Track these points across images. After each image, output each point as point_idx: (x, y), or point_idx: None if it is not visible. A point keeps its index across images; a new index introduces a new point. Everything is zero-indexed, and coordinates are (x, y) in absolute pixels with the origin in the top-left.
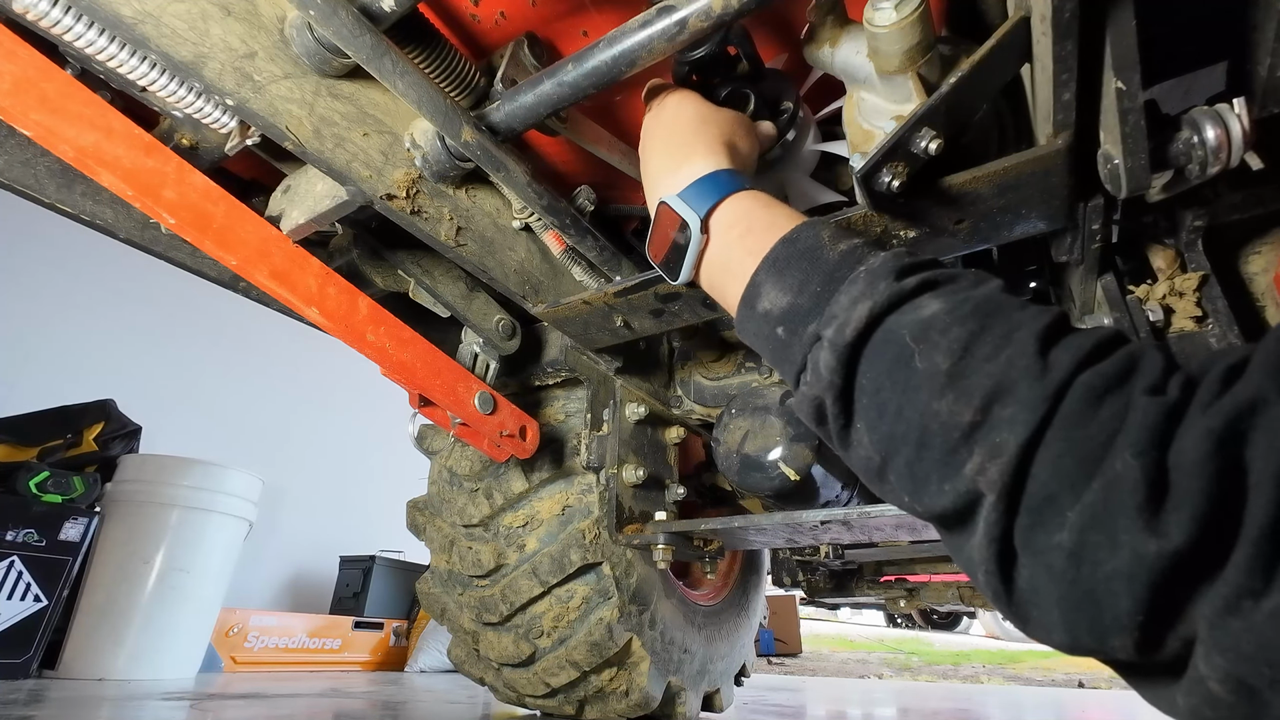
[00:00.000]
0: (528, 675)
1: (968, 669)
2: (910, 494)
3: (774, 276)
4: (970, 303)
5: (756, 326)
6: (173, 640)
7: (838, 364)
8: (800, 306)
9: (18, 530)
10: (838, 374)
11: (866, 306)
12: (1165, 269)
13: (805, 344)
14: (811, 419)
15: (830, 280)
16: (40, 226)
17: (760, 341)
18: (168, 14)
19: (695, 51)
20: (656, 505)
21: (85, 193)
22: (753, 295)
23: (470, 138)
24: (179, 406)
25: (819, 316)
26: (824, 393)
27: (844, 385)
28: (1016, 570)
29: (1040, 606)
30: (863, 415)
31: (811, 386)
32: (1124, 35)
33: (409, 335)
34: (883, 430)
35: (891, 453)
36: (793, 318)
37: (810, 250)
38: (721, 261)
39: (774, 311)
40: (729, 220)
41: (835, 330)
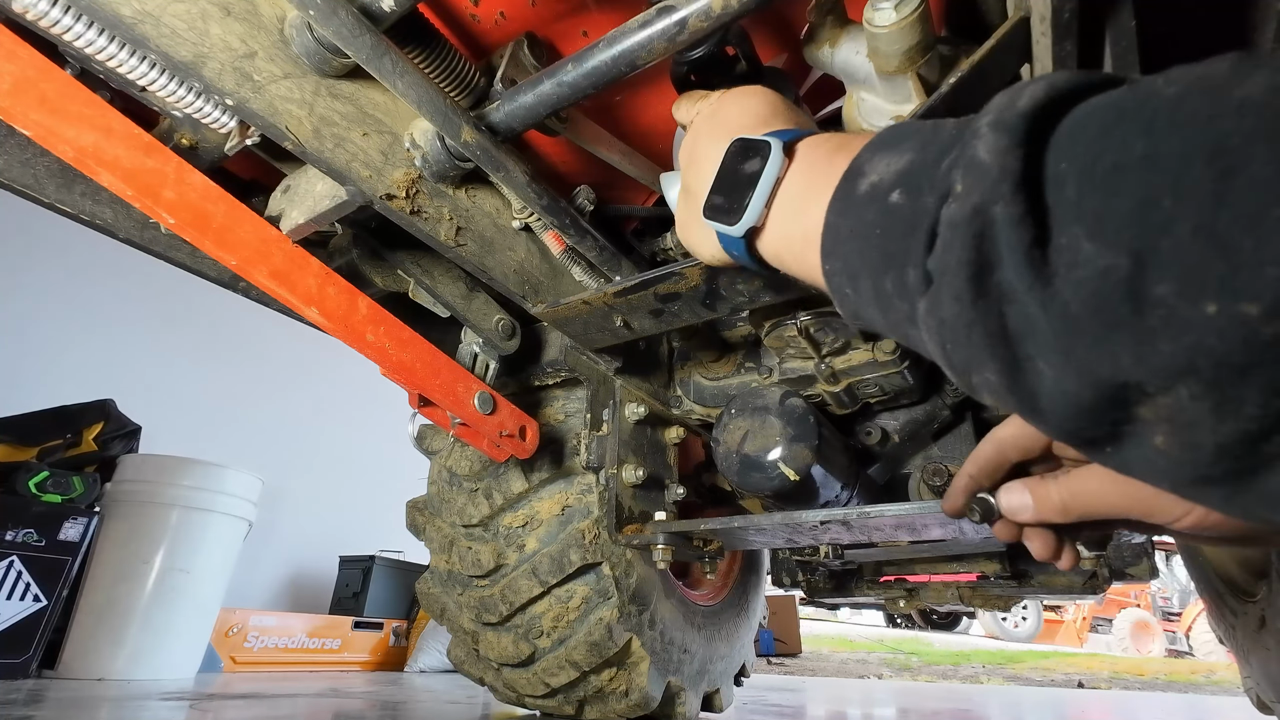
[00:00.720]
0: (527, 675)
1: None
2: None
3: (883, 150)
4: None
5: (857, 218)
6: (172, 640)
7: (1010, 141)
8: (928, 155)
9: (17, 530)
10: (1013, 155)
11: (1041, 85)
12: None
13: (943, 175)
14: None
15: (964, 126)
16: (40, 226)
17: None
18: (167, 14)
19: (694, 51)
20: (656, 505)
21: (85, 193)
22: (852, 179)
23: (470, 138)
24: (179, 406)
25: (959, 145)
26: (990, 194)
27: (1026, 171)
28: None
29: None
30: (1072, 212)
31: (965, 198)
32: (1124, 35)
33: (409, 335)
34: (1123, 208)
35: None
36: (917, 170)
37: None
38: (804, 182)
39: (885, 180)
40: (818, 141)
41: (998, 110)
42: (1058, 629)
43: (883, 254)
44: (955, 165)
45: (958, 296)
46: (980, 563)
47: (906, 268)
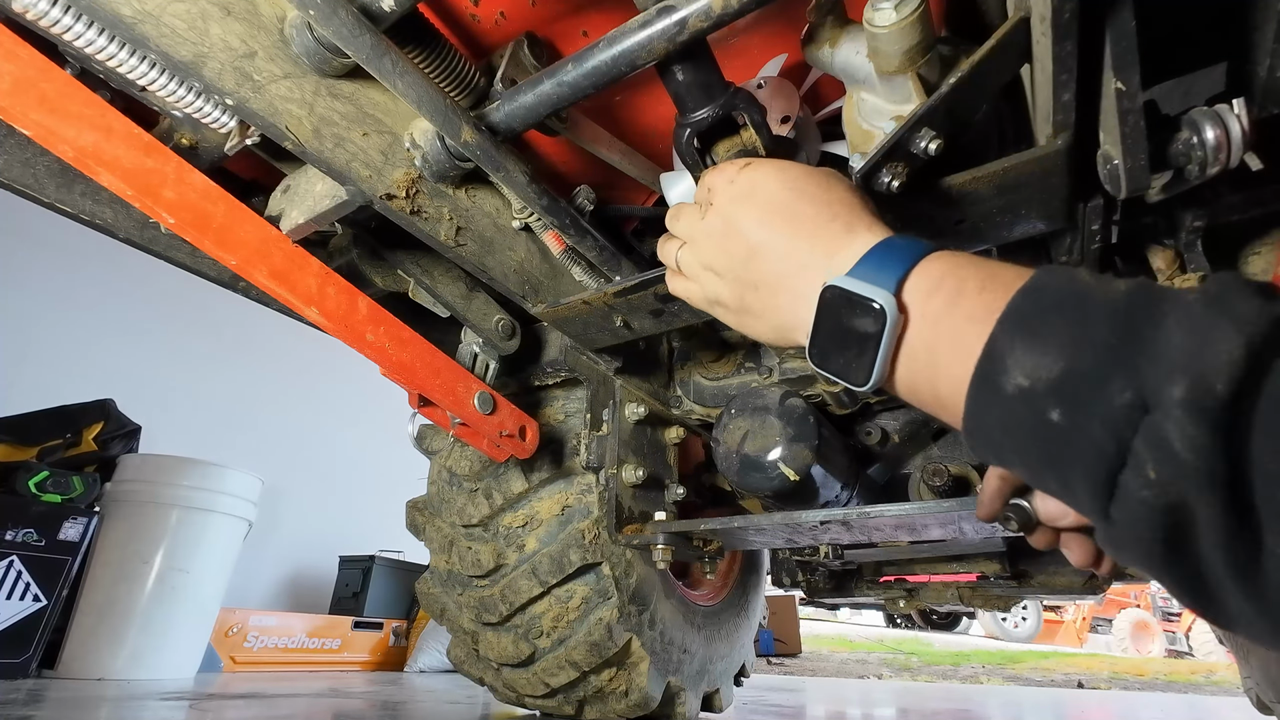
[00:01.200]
0: (527, 675)
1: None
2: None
3: (1024, 338)
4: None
5: (1006, 417)
6: (172, 640)
7: (1212, 439)
8: (1085, 370)
9: (17, 530)
10: (1217, 456)
11: (1236, 339)
12: (1165, 269)
13: (1117, 421)
14: (1159, 543)
15: (1130, 325)
16: (40, 226)
17: (1016, 440)
18: (167, 13)
19: (698, 115)
20: (656, 505)
21: (85, 192)
22: (992, 371)
23: (470, 138)
24: (179, 406)
25: (1132, 376)
26: (1192, 492)
27: (1232, 474)
28: None
29: None
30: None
31: (1160, 488)
32: (1124, 35)
33: (408, 335)
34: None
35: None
36: (1076, 388)
37: (1071, 294)
38: (928, 342)
39: (1036, 387)
40: (929, 286)
41: (1188, 387)
42: (1058, 629)
43: (1043, 460)
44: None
45: (1148, 555)
46: (980, 563)
47: (1075, 487)
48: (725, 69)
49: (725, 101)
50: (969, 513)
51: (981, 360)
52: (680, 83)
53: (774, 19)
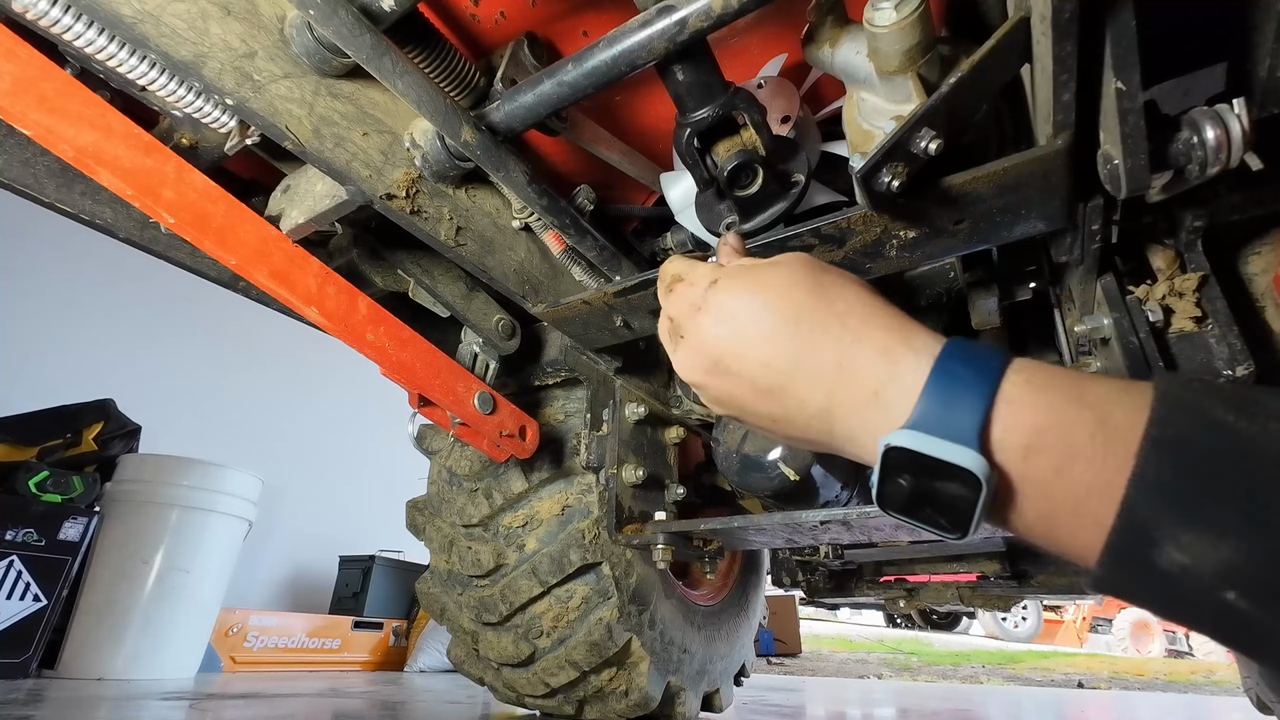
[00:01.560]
0: (527, 675)
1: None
2: None
3: (1172, 512)
4: None
5: (1161, 586)
6: (172, 640)
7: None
8: (1268, 555)
9: (17, 530)
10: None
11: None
12: (1165, 269)
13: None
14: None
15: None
16: (40, 226)
17: (1178, 608)
18: (167, 13)
19: (698, 114)
20: (656, 505)
21: (85, 192)
22: (1138, 545)
23: (470, 137)
24: (179, 406)
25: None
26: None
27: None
28: None
29: None
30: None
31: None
32: (1124, 35)
33: (408, 335)
34: None
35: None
36: (1258, 574)
37: (1224, 452)
38: (1043, 509)
39: (1200, 570)
40: (1024, 440)
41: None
42: (1057, 629)
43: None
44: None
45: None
46: (980, 563)
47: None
48: (725, 69)
49: (725, 101)
50: None
51: (1118, 533)
52: (680, 83)
53: (774, 19)
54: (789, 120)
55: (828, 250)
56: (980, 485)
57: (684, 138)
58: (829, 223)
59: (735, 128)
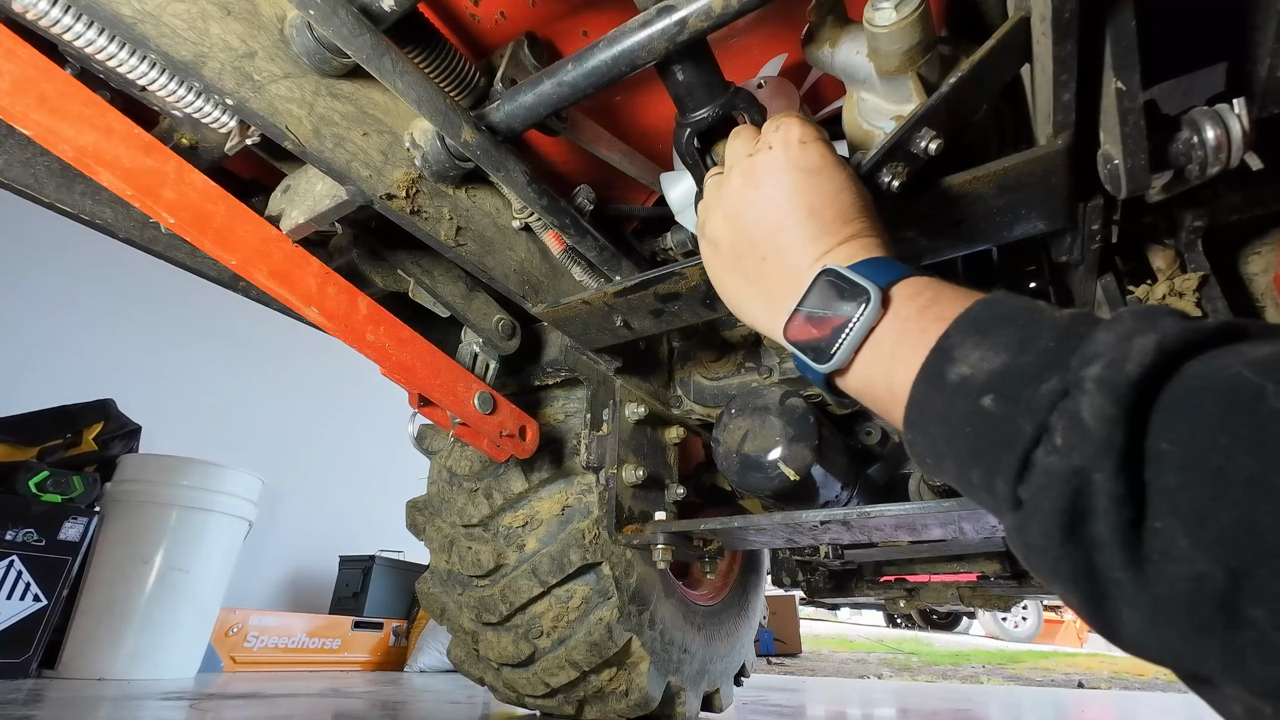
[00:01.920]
0: (527, 675)
1: (967, 669)
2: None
3: (974, 336)
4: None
5: (945, 406)
6: (172, 640)
7: (1117, 410)
8: (1023, 365)
9: (17, 530)
10: (1119, 426)
11: (1151, 338)
12: (1165, 269)
13: (1040, 406)
14: (1058, 517)
15: (1068, 334)
16: (40, 226)
17: (949, 428)
18: (167, 13)
19: (698, 115)
20: (656, 505)
21: (85, 192)
22: (939, 363)
23: (470, 137)
24: (179, 406)
25: (1061, 370)
26: (1092, 460)
27: (1129, 445)
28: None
29: None
30: (1170, 503)
31: (1065, 455)
32: (1124, 35)
33: (409, 335)
34: (1223, 520)
35: (1249, 560)
36: (1011, 380)
37: (1024, 310)
38: (894, 337)
39: (976, 376)
40: (911, 291)
41: (1104, 367)
42: (1057, 629)
43: (971, 451)
44: (1054, 406)
45: (1047, 534)
46: (980, 563)
47: (995, 476)
48: (725, 69)
49: (725, 101)
50: (969, 512)
51: (933, 352)
52: (680, 83)
53: (774, 19)
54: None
55: None
56: (869, 301)
57: (684, 137)
58: None
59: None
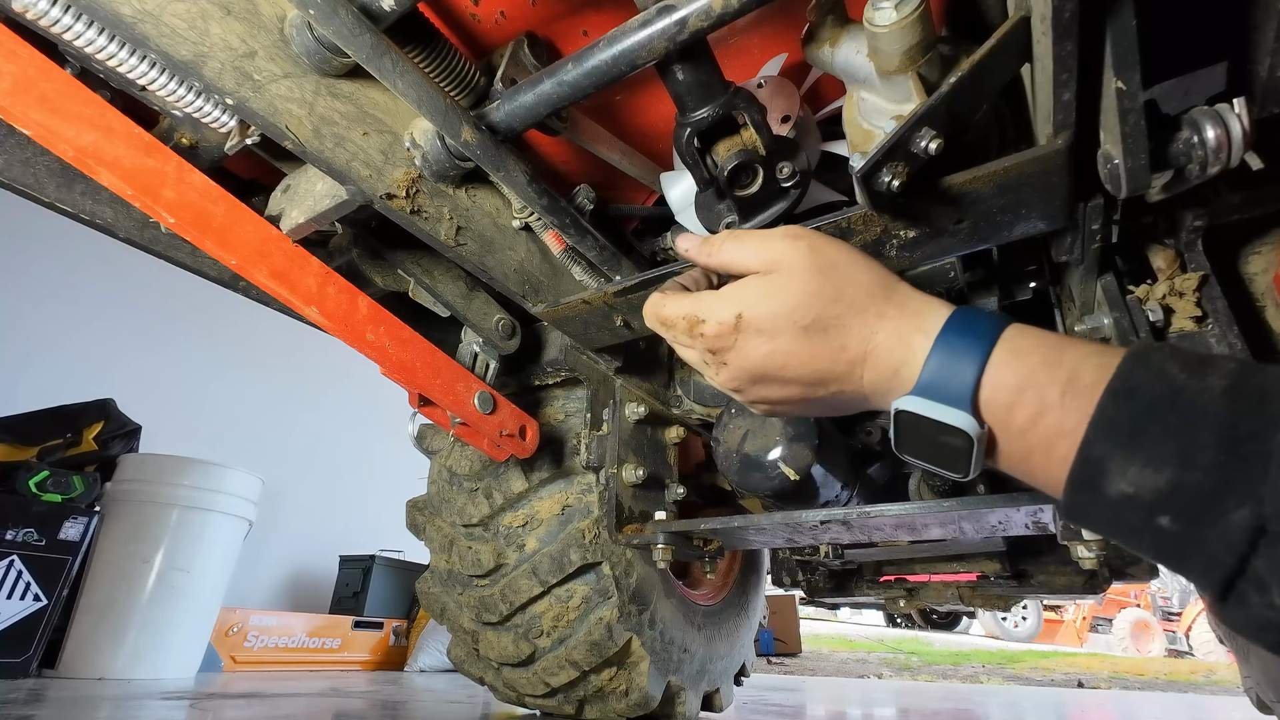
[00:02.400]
0: (527, 675)
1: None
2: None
3: (1122, 449)
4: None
5: (1113, 517)
6: (172, 640)
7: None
8: (1194, 484)
9: (17, 530)
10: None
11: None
12: (1165, 269)
13: (1236, 539)
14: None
15: (1236, 440)
16: (40, 226)
17: (1120, 533)
18: (167, 13)
19: (698, 114)
20: (656, 505)
21: (85, 192)
22: (1091, 476)
23: (470, 137)
24: (179, 406)
25: (1246, 498)
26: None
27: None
28: None
29: None
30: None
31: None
32: (1124, 35)
33: (409, 335)
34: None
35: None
36: (1187, 501)
37: (1167, 398)
38: (1020, 452)
39: (1142, 495)
40: (1008, 399)
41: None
42: (1058, 629)
43: (1155, 551)
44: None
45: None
46: (980, 562)
47: (1189, 575)
48: (725, 69)
49: (726, 101)
50: (969, 512)
51: (1077, 467)
52: (680, 82)
53: (774, 19)
54: (789, 120)
55: None
56: (972, 440)
57: (684, 137)
58: (829, 222)
59: (735, 127)
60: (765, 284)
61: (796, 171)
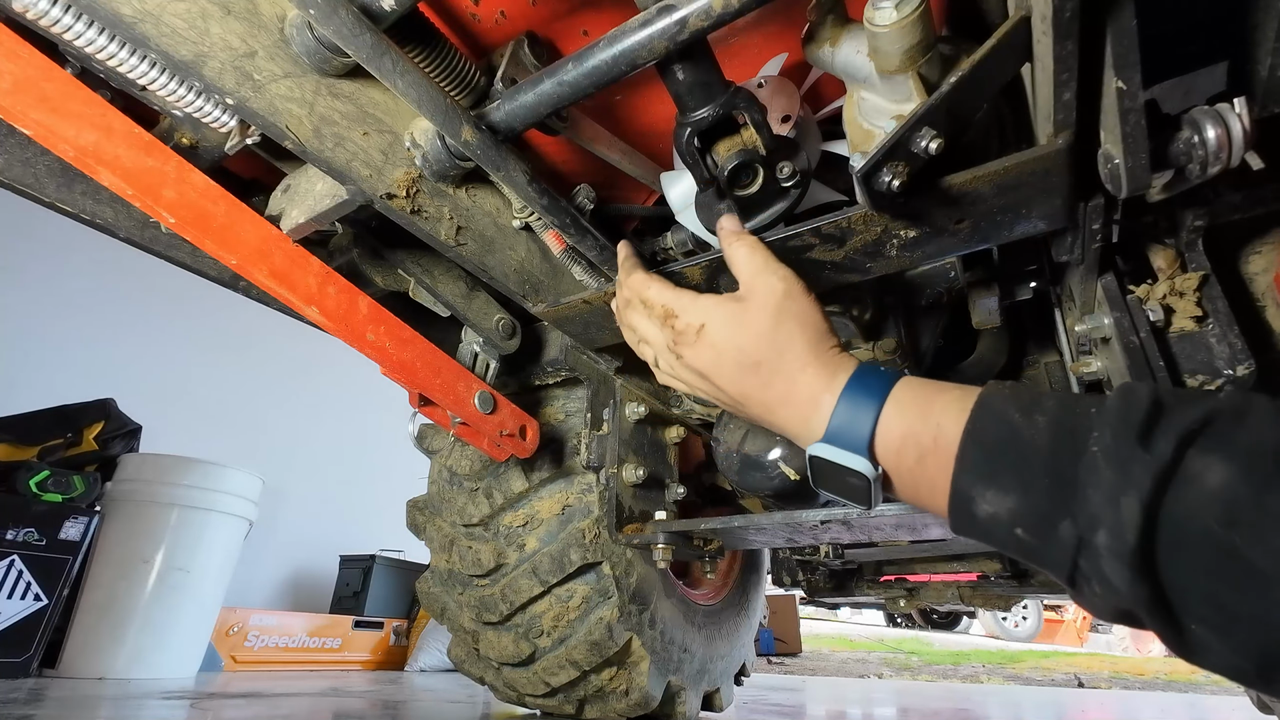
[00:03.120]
0: (528, 675)
1: (967, 669)
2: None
3: (980, 482)
4: (1258, 454)
5: (985, 533)
6: (173, 639)
7: (1135, 575)
8: (1034, 507)
9: (18, 529)
10: (1140, 585)
11: (1134, 500)
12: (1165, 269)
13: (1067, 548)
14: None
15: (1058, 477)
16: (40, 226)
17: (994, 542)
18: (167, 13)
19: (699, 114)
20: (656, 505)
21: (85, 192)
22: (963, 506)
23: (470, 137)
24: (179, 406)
25: (1067, 515)
26: (1134, 606)
27: (1154, 595)
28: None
29: None
30: (1201, 621)
31: (1106, 599)
32: (1124, 35)
33: (409, 334)
34: (1241, 639)
35: (1271, 658)
36: (1030, 519)
37: (1007, 442)
38: (910, 487)
39: (1000, 515)
40: (895, 446)
41: (1110, 537)
42: (1058, 629)
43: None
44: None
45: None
46: (980, 562)
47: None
48: (726, 68)
49: (725, 101)
50: None
51: (953, 498)
52: (680, 82)
53: (774, 18)
54: (789, 119)
55: (828, 249)
56: (870, 481)
57: (684, 137)
58: (829, 222)
59: (735, 127)
60: (733, 312)
61: (797, 171)
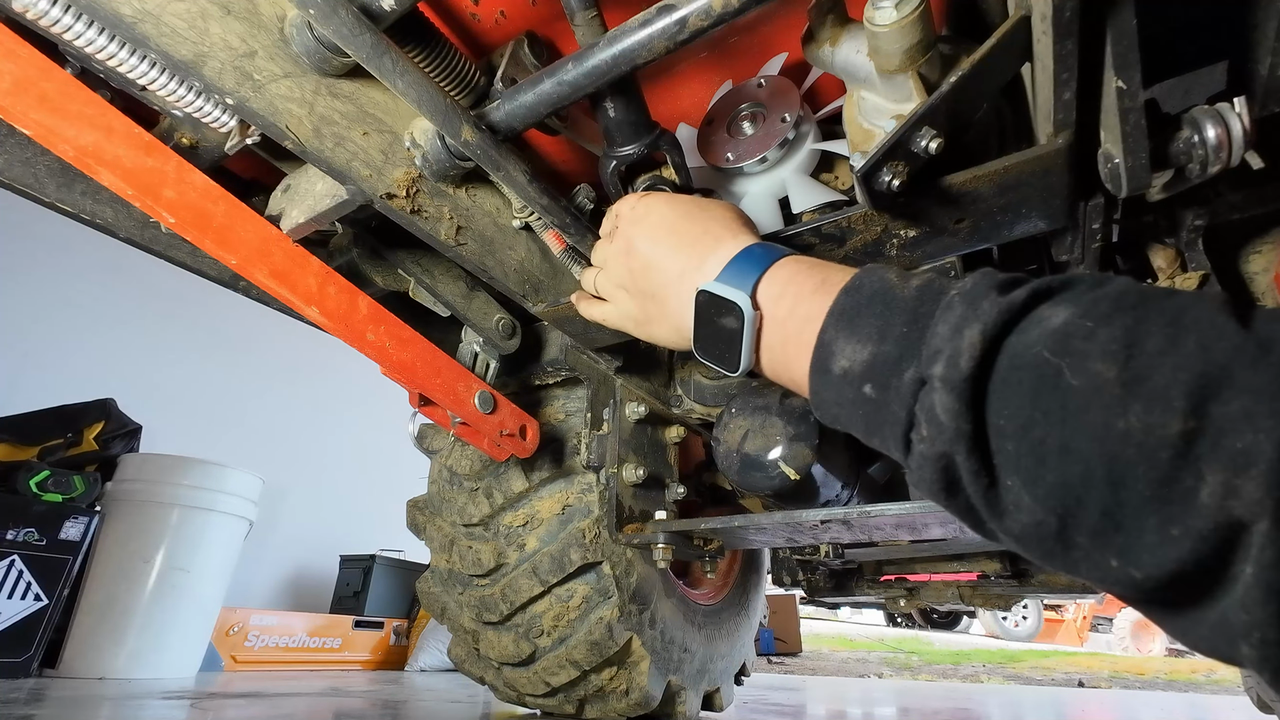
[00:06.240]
0: (528, 674)
1: (968, 668)
2: (1120, 555)
3: (844, 331)
4: (1105, 299)
5: (837, 393)
6: (173, 639)
7: (960, 405)
8: (886, 354)
9: (18, 529)
10: (963, 417)
11: (976, 329)
12: (1166, 268)
13: (906, 393)
14: (939, 486)
15: (915, 316)
16: (40, 226)
17: (846, 411)
18: (167, 13)
19: (624, 150)
20: (656, 505)
21: (85, 192)
22: (824, 358)
23: (470, 137)
24: (179, 406)
25: (915, 358)
26: (951, 446)
27: (975, 430)
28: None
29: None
30: (1012, 466)
31: (931, 443)
32: (1124, 35)
33: (409, 334)
34: (1049, 480)
35: (1071, 506)
36: (881, 369)
37: (879, 293)
38: (780, 339)
39: (854, 369)
40: (776, 291)
41: (945, 365)
42: (1058, 628)
43: (866, 428)
44: (916, 396)
45: (933, 494)
46: (981, 562)
47: (888, 447)
48: (725, 68)
49: (651, 141)
50: None
51: (815, 350)
52: (611, 119)
53: (774, 18)
54: (789, 119)
55: (828, 249)
56: (745, 316)
57: (609, 168)
58: (829, 222)
59: (656, 165)
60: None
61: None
